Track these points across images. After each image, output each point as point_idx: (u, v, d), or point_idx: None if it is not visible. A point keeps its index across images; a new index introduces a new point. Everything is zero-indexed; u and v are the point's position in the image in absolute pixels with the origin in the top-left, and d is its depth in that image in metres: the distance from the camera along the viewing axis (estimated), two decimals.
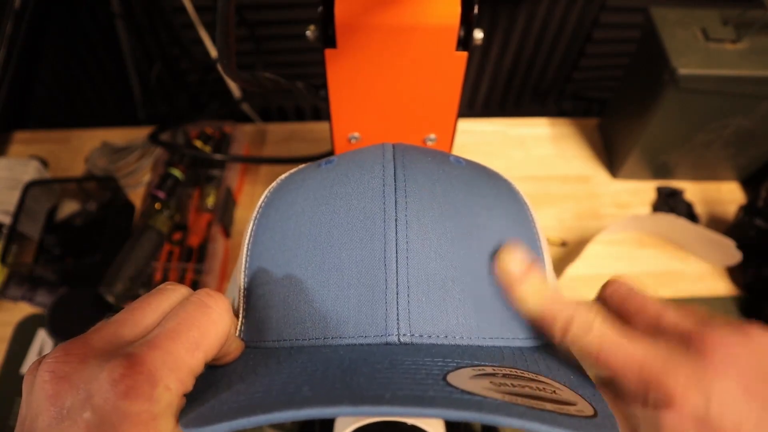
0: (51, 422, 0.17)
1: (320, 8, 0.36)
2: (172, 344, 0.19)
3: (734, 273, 0.66)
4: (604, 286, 0.26)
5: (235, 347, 0.24)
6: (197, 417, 0.19)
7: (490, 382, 0.19)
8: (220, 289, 0.64)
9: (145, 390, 0.17)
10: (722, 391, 0.19)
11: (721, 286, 0.65)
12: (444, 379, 0.19)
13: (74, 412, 0.17)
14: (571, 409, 0.19)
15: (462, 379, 0.19)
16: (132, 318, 0.20)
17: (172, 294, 0.22)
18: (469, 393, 0.18)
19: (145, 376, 0.17)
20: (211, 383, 0.22)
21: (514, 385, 0.19)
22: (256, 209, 0.29)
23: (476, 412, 0.17)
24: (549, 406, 0.18)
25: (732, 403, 0.19)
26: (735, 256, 0.63)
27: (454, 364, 0.20)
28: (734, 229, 0.66)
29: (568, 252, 0.67)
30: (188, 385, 0.19)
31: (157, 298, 0.21)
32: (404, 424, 0.31)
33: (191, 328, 0.20)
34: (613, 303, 0.24)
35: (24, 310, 0.62)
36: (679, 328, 0.21)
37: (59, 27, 0.73)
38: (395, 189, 0.26)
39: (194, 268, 0.62)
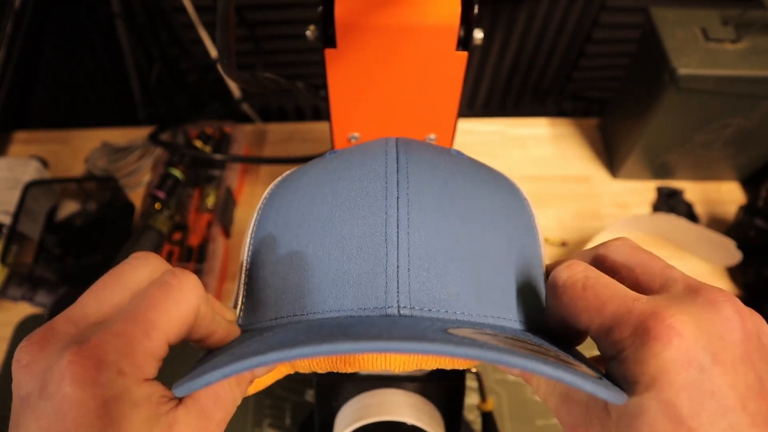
0: (16, 410, 0.17)
1: (320, 8, 0.36)
2: (125, 326, 0.18)
3: (734, 273, 0.66)
4: (604, 244, 0.23)
5: (221, 326, 0.23)
6: (189, 377, 0.18)
7: (492, 337, 0.19)
8: (220, 288, 0.64)
9: (91, 375, 0.17)
10: (728, 346, 0.17)
11: (721, 286, 0.65)
12: (444, 331, 0.19)
13: (33, 401, 0.17)
14: (576, 368, 0.18)
15: (463, 332, 0.19)
16: (96, 296, 0.20)
17: (139, 266, 0.21)
18: (470, 338, 0.18)
19: (91, 361, 0.17)
20: (208, 361, 0.22)
21: (516, 343, 0.19)
22: (261, 200, 0.29)
23: (479, 349, 0.16)
24: (553, 360, 0.18)
25: (733, 362, 0.17)
26: (735, 256, 0.63)
27: (455, 325, 0.20)
28: (734, 229, 0.66)
29: (568, 252, 0.67)
30: (147, 368, 0.18)
31: (122, 270, 0.20)
32: (404, 424, 0.31)
33: (148, 308, 0.19)
34: (617, 257, 0.22)
35: (24, 310, 0.62)
36: (688, 281, 0.20)
37: (59, 27, 0.73)
38: (397, 170, 0.26)
39: (194, 268, 0.62)
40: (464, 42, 0.37)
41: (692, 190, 0.73)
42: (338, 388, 0.35)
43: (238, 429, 0.56)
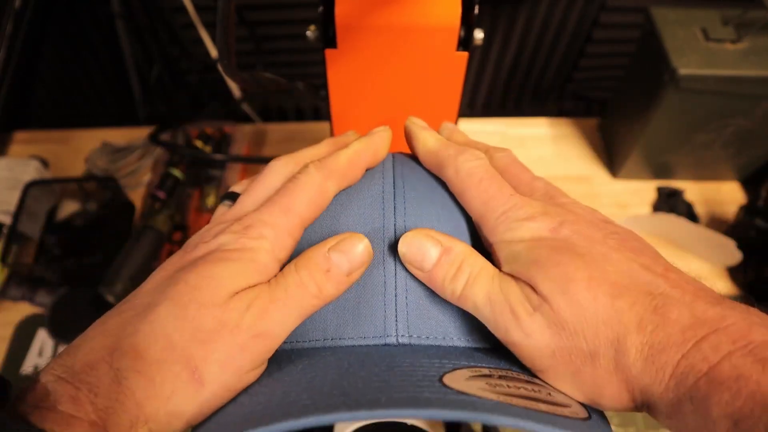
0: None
1: (320, 8, 0.36)
2: (267, 209, 0.24)
3: (734, 273, 0.66)
4: (491, 150, 0.29)
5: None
6: (207, 429, 0.19)
7: (486, 383, 0.20)
8: None
9: (247, 235, 0.23)
10: (575, 220, 0.23)
11: (721, 286, 0.65)
12: (440, 380, 0.19)
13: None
14: (566, 411, 0.19)
15: (458, 380, 0.19)
16: (249, 197, 0.26)
17: (279, 168, 0.26)
18: (464, 394, 0.18)
19: (242, 227, 0.23)
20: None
21: (509, 386, 0.20)
22: None
23: (471, 411, 0.17)
24: (543, 407, 0.19)
25: (581, 228, 0.23)
26: (735, 256, 0.63)
27: (451, 366, 0.21)
28: (734, 229, 0.66)
29: None
30: (283, 238, 0.23)
31: (265, 175, 0.26)
32: (404, 424, 0.31)
33: (283, 196, 0.24)
34: (497, 165, 0.27)
35: (24, 310, 0.62)
36: (547, 189, 0.26)
37: (59, 27, 0.73)
38: (394, 195, 0.26)
39: None
40: (465, 42, 0.37)
41: (692, 190, 0.73)
42: None
43: None
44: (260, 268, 0.22)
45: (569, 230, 0.23)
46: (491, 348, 0.24)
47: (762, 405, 0.16)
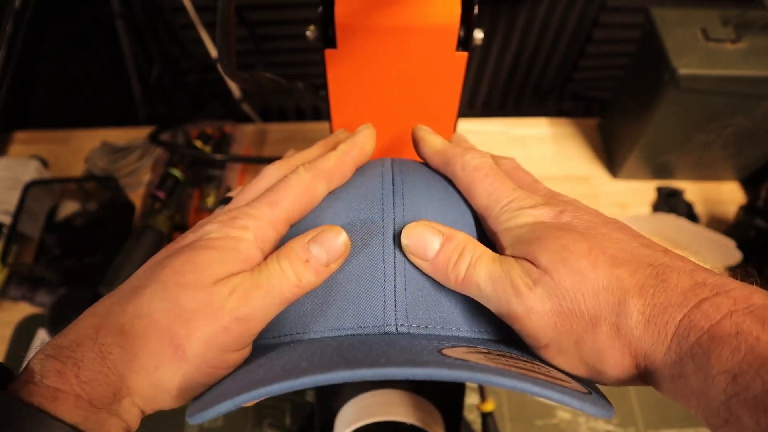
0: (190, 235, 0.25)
1: (320, 8, 0.36)
2: (255, 203, 0.25)
3: (734, 273, 0.66)
4: (496, 158, 0.30)
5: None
6: (201, 404, 0.20)
7: (485, 356, 0.20)
8: None
9: (231, 225, 0.24)
10: (575, 209, 0.24)
11: None
12: (439, 351, 0.20)
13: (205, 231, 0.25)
14: (565, 384, 0.19)
15: (456, 352, 0.20)
16: (243, 195, 0.27)
17: (272, 173, 0.27)
18: (462, 359, 0.18)
19: (228, 218, 0.24)
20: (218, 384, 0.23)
21: (507, 361, 0.20)
22: None
23: (469, 372, 0.17)
24: (543, 377, 0.19)
25: (581, 214, 0.24)
26: (735, 256, 0.63)
27: (450, 345, 0.21)
28: (734, 229, 0.66)
29: None
30: (266, 230, 0.24)
31: (260, 178, 0.28)
32: (404, 424, 0.31)
33: (272, 193, 0.25)
34: (502, 169, 0.29)
35: (24, 310, 0.62)
36: (547, 191, 0.27)
37: (59, 27, 0.73)
38: (393, 192, 0.27)
39: None
40: (464, 42, 0.37)
41: (692, 190, 0.73)
42: (338, 388, 0.36)
43: (238, 429, 0.56)
44: (242, 256, 0.23)
45: (570, 216, 0.24)
46: (490, 339, 0.25)
47: (761, 358, 0.16)
